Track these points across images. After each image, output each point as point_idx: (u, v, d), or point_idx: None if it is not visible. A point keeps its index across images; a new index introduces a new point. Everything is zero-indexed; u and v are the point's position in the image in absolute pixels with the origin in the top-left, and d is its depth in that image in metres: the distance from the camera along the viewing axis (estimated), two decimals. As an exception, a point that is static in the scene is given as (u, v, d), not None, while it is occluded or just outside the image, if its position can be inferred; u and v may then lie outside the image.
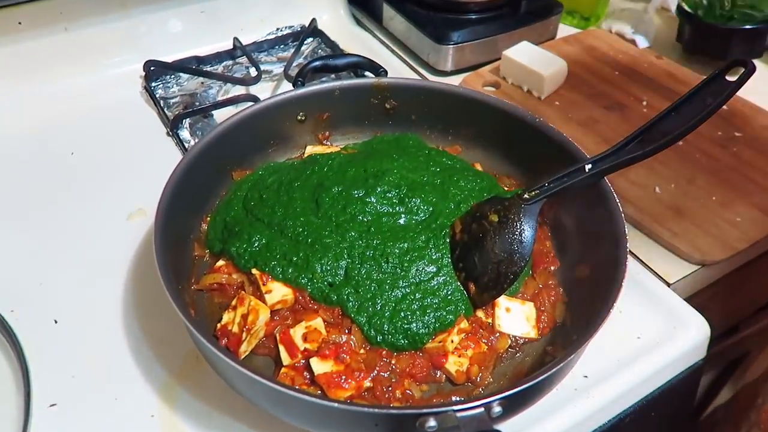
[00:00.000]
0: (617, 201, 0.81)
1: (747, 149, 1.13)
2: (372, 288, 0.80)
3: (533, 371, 0.75)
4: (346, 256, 0.82)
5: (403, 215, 0.87)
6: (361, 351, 0.77)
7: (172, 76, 1.30)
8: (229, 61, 1.36)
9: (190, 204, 0.88)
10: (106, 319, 0.88)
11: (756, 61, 0.88)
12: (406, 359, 0.77)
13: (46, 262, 0.96)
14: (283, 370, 0.76)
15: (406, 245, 0.83)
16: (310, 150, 1.02)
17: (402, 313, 0.78)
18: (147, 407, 0.79)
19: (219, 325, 0.79)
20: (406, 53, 1.41)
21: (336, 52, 1.36)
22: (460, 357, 0.77)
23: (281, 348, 0.77)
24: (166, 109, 1.22)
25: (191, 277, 0.86)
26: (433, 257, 0.83)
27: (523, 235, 0.82)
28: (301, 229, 0.85)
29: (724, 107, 0.79)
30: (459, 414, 0.61)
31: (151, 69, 1.28)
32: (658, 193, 1.05)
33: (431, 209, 0.88)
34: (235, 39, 1.37)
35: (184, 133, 1.17)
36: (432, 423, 0.61)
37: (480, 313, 0.82)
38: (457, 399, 0.75)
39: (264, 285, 0.81)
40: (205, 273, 0.86)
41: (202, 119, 1.20)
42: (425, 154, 0.98)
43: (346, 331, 0.79)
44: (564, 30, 1.47)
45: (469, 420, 0.60)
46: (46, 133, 1.18)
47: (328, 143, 1.06)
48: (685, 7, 1.35)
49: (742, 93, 0.79)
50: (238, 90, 1.28)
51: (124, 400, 0.80)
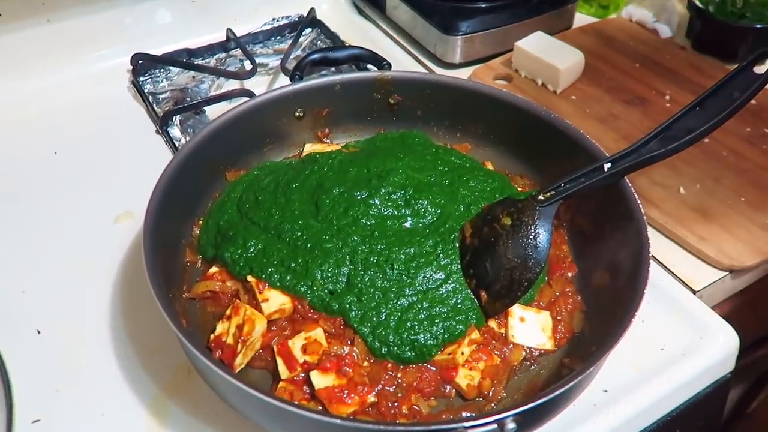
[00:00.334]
0: (638, 202, 0.81)
1: (778, 146, 1.13)
2: (376, 296, 0.80)
3: (549, 385, 0.75)
4: (348, 262, 0.82)
5: (409, 218, 0.88)
6: (365, 364, 0.78)
7: (162, 70, 1.30)
8: (222, 54, 1.37)
9: (181, 207, 0.89)
10: (93, 330, 0.88)
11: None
12: (413, 372, 0.77)
13: (28, 268, 0.96)
14: (281, 384, 0.76)
15: (412, 250, 0.83)
16: (309, 148, 1.03)
17: (408, 323, 0.79)
18: (136, 423, 0.79)
19: (212, 336, 0.80)
20: (412, 45, 1.41)
21: (336, 43, 1.37)
22: (471, 370, 0.77)
23: (279, 360, 0.77)
24: (155, 106, 1.23)
25: (183, 285, 0.86)
26: (442, 263, 0.83)
27: (538, 239, 0.82)
28: (299, 234, 0.85)
29: (753, 101, 0.80)
30: (470, 431, 0.61)
31: (139, 63, 1.29)
32: (682, 194, 1.05)
33: (439, 212, 0.88)
34: (229, 30, 1.38)
35: (175, 131, 1.18)
36: (441, 440, 0.61)
37: (492, 323, 0.82)
38: (468, 415, 0.75)
39: (260, 293, 0.81)
40: (198, 280, 0.86)
41: (194, 116, 1.21)
42: (432, 153, 0.98)
43: (349, 342, 0.79)
44: (581, 19, 1.48)
45: (481, 437, 0.60)
46: (27, 132, 1.18)
47: (328, 141, 1.06)
48: (697, 2, 1.35)
49: (772, 86, 0.79)
50: (232, 84, 1.28)
51: (112, 415, 0.80)
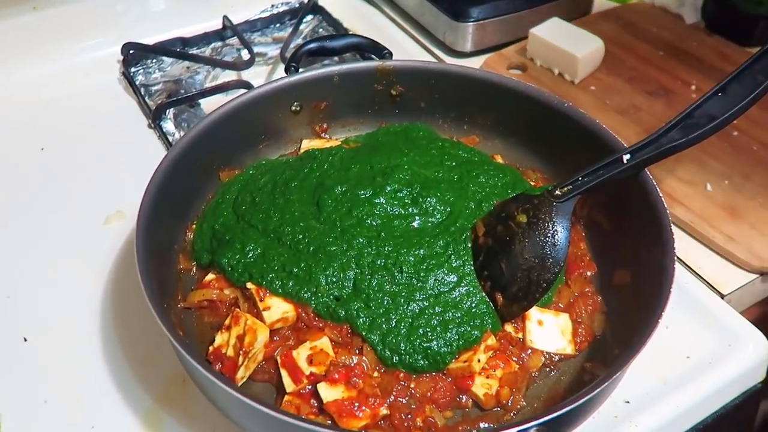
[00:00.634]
0: (660, 194, 0.81)
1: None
2: (385, 302, 0.80)
3: (571, 391, 0.76)
4: (354, 266, 0.82)
5: (417, 217, 0.87)
6: (375, 374, 0.77)
7: (154, 61, 1.30)
8: (218, 43, 1.36)
9: (173, 210, 0.88)
10: (82, 337, 0.87)
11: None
12: (426, 382, 0.77)
13: (13, 272, 0.96)
14: (286, 397, 0.76)
15: (422, 252, 0.83)
16: (307, 145, 1.03)
17: (420, 330, 0.78)
18: (129, 437, 0.79)
19: (211, 348, 0.79)
20: (420, 32, 1.41)
21: (339, 31, 1.36)
22: (488, 378, 0.77)
23: (283, 373, 0.76)
24: (147, 98, 1.22)
25: (177, 294, 0.86)
26: (454, 265, 0.83)
27: (556, 237, 0.82)
28: (301, 236, 0.85)
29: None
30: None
31: (130, 52, 1.28)
32: (709, 191, 1.04)
33: (449, 210, 0.88)
34: (225, 18, 1.37)
35: (168, 125, 1.18)
36: (459, 454, 0.61)
37: (509, 328, 0.82)
38: (487, 426, 0.75)
39: (261, 301, 0.81)
40: (193, 288, 0.86)
41: (188, 109, 1.20)
42: (438, 147, 0.98)
43: (357, 351, 0.79)
44: (600, 4, 1.47)
45: (502, 450, 0.61)
46: (11, 127, 1.18)
47: (327, 136, 1.06)
48: None
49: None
50: (229, 75, 1.28)
51: (103, 428, 0.79)
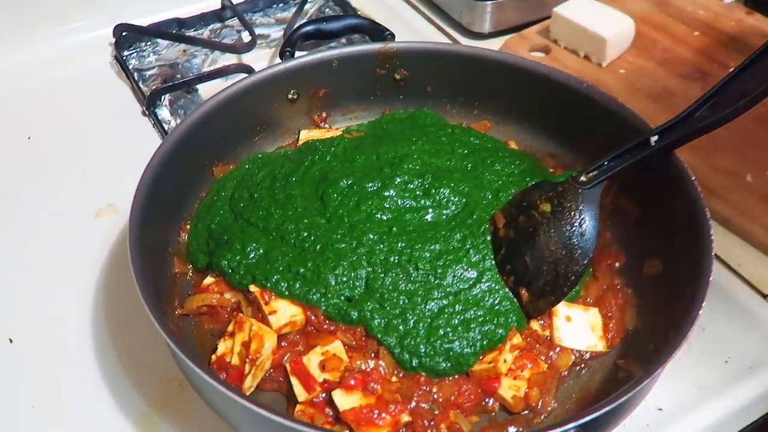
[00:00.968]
0: (692, 177, 0.81)
1: None
2: (400, 301, 0.80)
3: (605, 391, 0.76)
4: (365, 264, 0.82)
5: (430, 210, 0.87)
6: (394, 379, 0.77)
7: (148, 43, 1.30)
8: (217, 24, 1.36)
9: (166, 209, 0.87)
10: (72, 339, 0.87)
11: None
12: (449, 386, 0.77)
13: (-2, 269, 0.95)
14: (298, 407, 0.75)
15: (437, 247, 0.83)
16: (305, 135, 1.02)
17: (440, 330, 0.78)
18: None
19: (214, 356, 0.78)
20: (434, 12, 1.39)
21: (347, 11, 1.34)
22: (515, 380, 0.77)
23: (294, 380, 0.76)
24: (141, 83, 1.22)
25: (173, 300, 0.85)
26: (473, 260, 0.83)
27: (583, 225, 0.82)
28: (306, 234, 0.84)
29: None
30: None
31: (123, 35, 1.28)
32: (750, 182, 1.03)
33: (464, 201, 0.88)
34: (225, -4, 1.35)
35: (164, 112, 1.17)
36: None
37: (535, 325, 0.82)
38: (516, 431, 0.75)
39: (266, 304, 0.80)
40: (191, 294, 0.85)
41: (185, 95, 1.20)
42: (448, 134, 0.98)
43: (373, 355, 0.78)
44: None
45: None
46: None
47: (327, 126, 1.05)
48: None
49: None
50: (228, 59, 1.27)
51: (95, 435, 0.79)
